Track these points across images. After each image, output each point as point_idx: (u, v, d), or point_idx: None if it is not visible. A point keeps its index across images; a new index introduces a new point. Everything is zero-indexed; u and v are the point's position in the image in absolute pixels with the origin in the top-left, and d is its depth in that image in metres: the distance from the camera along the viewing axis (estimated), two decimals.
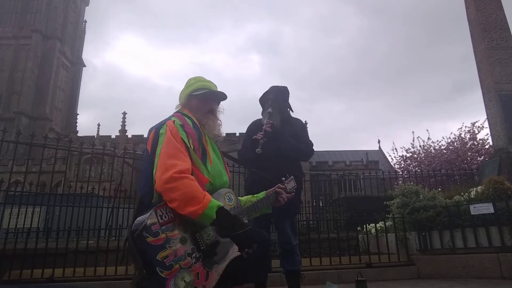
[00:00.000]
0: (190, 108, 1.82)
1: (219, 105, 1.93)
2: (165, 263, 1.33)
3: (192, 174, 1.52)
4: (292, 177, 2.21)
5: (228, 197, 1.65)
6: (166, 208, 1.44)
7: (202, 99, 1.82)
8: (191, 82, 1.89)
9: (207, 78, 1.93)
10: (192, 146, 1.61)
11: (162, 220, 1.41)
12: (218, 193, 1.62)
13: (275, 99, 3.07)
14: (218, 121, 1.85)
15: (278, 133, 2.90)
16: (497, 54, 7.60)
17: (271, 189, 2.00)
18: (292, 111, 3.26)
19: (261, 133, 2.82)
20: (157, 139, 1.61)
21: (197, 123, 1.75)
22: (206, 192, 1.49)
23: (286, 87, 3.23)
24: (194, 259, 1.41)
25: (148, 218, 1.39)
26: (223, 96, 1.91)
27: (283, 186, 2.02)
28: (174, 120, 1.68)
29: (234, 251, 1.52)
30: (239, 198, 1.88)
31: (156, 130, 1.66)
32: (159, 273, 1.31)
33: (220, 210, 1.45)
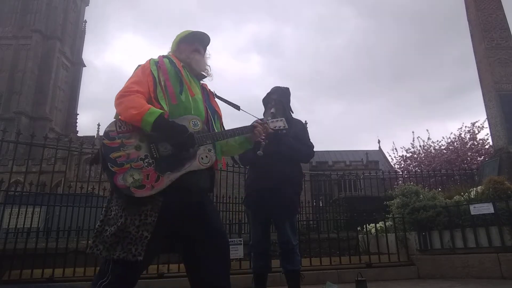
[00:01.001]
0: (179, 52, 1.98)
1: (206, 51, 2.07)
2: (116, 161, 1.58)
3: (150, 103, 1.71)
4: (283, 119, 2.16)
5: (193, 122, 1.77)
6: (126, 121, 1.69)
7: (187, 41, 1.99)
8: (180, 33, 2.06)
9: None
10: (162, 79, 1.79)
11: (120, 129, 1.66)
12: (184, 118, 1.76)
13: (279, 100, 3.08)
14: (204, 60, 1.99)
15: (279, 134, 2.89)
16: (497, 54, 7.61)
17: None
18: (292, 112, 3.26)
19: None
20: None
21: (176, 62, 1.89)
22: (150, 105, 1.68)
23: (288, 88, 3.24)
24: (146, 163, 1.62)
25: (108, 126, 1.68)
26: (207, 38, 2.05)
27: (262, 122, 2.05)
28: (151, 59, 1.88)
29: (191, 165, 1.69)
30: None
31: (139, 65, 1.89)
32: (110, 168, 1.56)
33: (160, 116, 1.63)
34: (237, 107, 2.12)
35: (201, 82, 2.02)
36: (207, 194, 1.91)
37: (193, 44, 1.99)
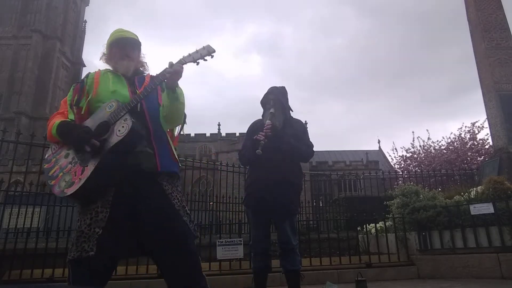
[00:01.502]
0: (110, 56, 2.07)
1: (140, 51, 2.15)
2: (52, 176, 1.78)
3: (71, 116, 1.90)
4: (207, 45, 1.85)
5: (109, 106, 1.82)
6: (53, 141, 1.89)
7: (118, 46, 2.05)
8: (112, 34, 2.13)
9: (126, 29, 2.14)
10: (74, 98, 1.95)
11: (54, 151, 1.86)
12: (101, 107, 1.85)
13: (277, 99, 3.07)
14: (133, 63, 2.06)
15: (279, 134, 2.89)
16: (497, 54, 7.60)
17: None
18: (292, 111, 3.26)
19: (262, 133, 2.82)
20: None
21: (96, 73, 2.03)
22: (57, 118, 1.88)
23: (284, 87, 3.23)
24: (73, 164, 1.77)
25: (46, 154, 1.91)
26: (137, 42, 2.10)
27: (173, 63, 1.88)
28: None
29: (110, 143, 1.75)
30: None
31: None
32: (50, 183, 1.76)
33: (59, 125, 1.82)
34: (170, 71, 1.90)
35: (146, 73, 2.11)
36: (164, 177, 1.84)
37: (124, 49, 2.04)
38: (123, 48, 2.04)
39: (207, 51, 1.84)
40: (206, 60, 1.85)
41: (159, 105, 1.96)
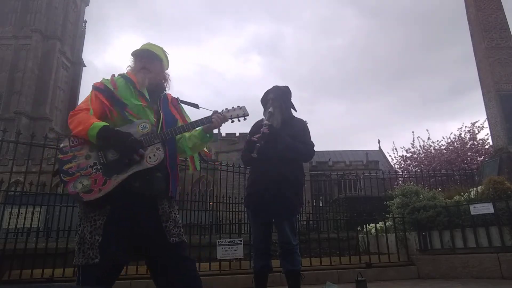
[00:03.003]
0: (134, 68, 2.11)
1: (162, 62, 2.15)
2: (68, 171, 1.78)
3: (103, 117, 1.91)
4: (242, 106, 2.09)
5: (142, 126, 1.90)
6: (77, 136, 1.88)
7: (138, 58, 2.11)
8: (141, 46, 2.16)
9: (156, 45, 2.16)
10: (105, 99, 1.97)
11: (72, 144, 1.85)
12: (134, 123, 1.91)
13: (276, 98, 3.06)
14: (148, 76, 2.07)
15: (276, 134, 2.88)
16: (497, 54, 7.60)
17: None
18: (296, 111, 3.24)
19: (258, 135, 2.81)
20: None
21: (113, 82, 2.04)
22: (95, 120, 1.86)
23: (287, 87, 3.21)
24: (95, 170, 1.79)
25: (62, 142, 1.90)
26: (154, 54, 2.12)
27: (217, 112, 2.07)
28: (102, 79, 2.09)
29: (138, 166, 1.82)
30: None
31: None
32: (63, 178, 1.77)
33: (102, 129, 1.80)
34: (196, 106, 2.17)
35: (167, 92, 2.18)
36: (164, 200, 1.94)
37: (141, 61, 2.09)
38: (141, 60, 2.09)
39: (243, 113, 2.07)
40: (239, 120, 2.08)
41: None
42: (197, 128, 2.04)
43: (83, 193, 1.74)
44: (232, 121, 2.07)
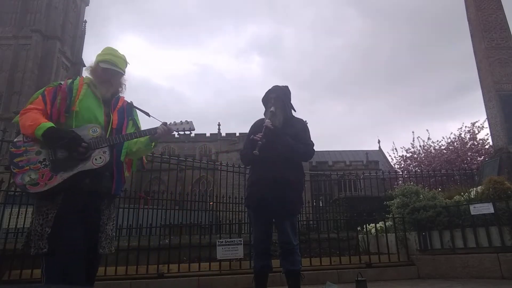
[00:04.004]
0: (94, 71, 2.27)
1: (122, 76, 2.35)
2: (18, 164, 1.94)
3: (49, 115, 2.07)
4: (190, 121, 2.33)
5: (93, 130, 2.07)
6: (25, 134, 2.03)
7: (102, 71, 2.26)
8: (105, 51, 2.33)
9: (120, 53, 2.34)
10: (58, 98, 2.13)
11: (26, 139, 2.00)
12: (85, 126, 2.08)
13: (278, 98, 3.07)
14: (112, 88, 2.30)
15: (277, 133, 2.89)
16: (497, 54, 7.60)
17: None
18: (295, 111, 3.25)
19: (260, 134, 2.82)
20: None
21: (79, 84, 2.21)
22: (43, 120, 2.01)
23: (287, 87, 3.22)
24: (43, 165, 1.95)
25: (17, 137, 2.06)
26: (123, 64, 2.34)
27: (165, 124, 2.30)
28: (57, 83, 2.25)
29: (84, 166, 1.99)
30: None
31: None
32: (12, 169, 1.93)
33: (48, 129, 1.96)
34: (147, 114, 2.39)
35: (121, 96, 2.38)
36: (109, 199, 2.19)
37: (108, 74, 2.26)
38: (107, 72, 2.27)
39: (189, 127, 2.31)
40: (185, 134, 2.34)
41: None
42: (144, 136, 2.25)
43: (29, 186, 1.90)
44: (178, 135, 2.37)
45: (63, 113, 2.09)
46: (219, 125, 52.17)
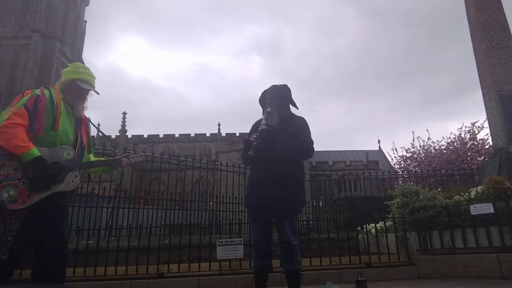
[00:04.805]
0: (69, 88, 2.35)
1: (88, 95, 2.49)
2: None
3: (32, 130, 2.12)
4: (141, 153, 2.80)
5: (67, 152, 2.19)
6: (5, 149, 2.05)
7: (80, 83, 2.36)
8: (79, 69, 2.44)
9: (91, 72, 2.47)
10: (39, 112, 2.17)
11: (3, 152, 2.00)
12: (61, 147, 2.17)
13: (272, 98, 3.06)
14: (83, 105, 2.45)
15: (274, 132, 2.88)
16: (497, 54, 7.60)
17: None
18: (297, 109, 3.23)
19: (256, 134, 2.82)
20: (18, 100, 2.24)
21: (56, 96, 2.28)
22: (32, 146, 2.05)
23: (286, 85, 3.20)
24: (22, 183, 2.00)
25: None
26: (93, 83, 2.47)
27: (126, 157, 2.57)
28: (32, 92, 2.27)
29: (58, 187, 2.11)
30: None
31: (21, 95, 2.28)
32: None
33: (38, 158, 2.03)
34: (99, 131, 2.97)
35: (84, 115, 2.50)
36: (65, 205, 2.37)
37: (81, 92, 2.37)
38: (82, 91, 2.38)
39: (142, 159, 2.63)
40: (140, 162, 2.63)
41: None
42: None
43: (8, 202, 1.94)
44: (133, 167, 2.70)
45: (43, 130, 2.14)
46: (219, 125, 52.21)
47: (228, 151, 37.53)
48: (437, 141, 18.59)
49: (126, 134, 39.04)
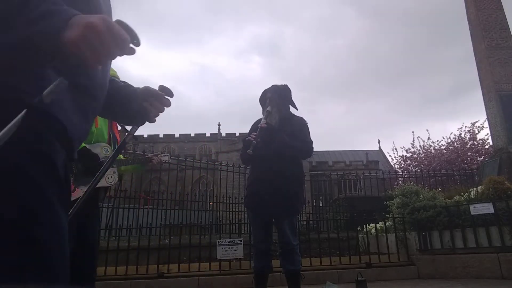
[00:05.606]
0: None
1: None
2: None
3: None
4: (168, 154, 3.03)
5: (105, 149, 2.23)
6: None
7: None
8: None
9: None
10: None
11: None
12: (98, 144, 2.22)
13: (273, 98, 3.06)
14: None
15: (273, 131, 2.89)
16: (497, 54, 7.60)
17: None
18: (297, 109, 3.24)
19: (255, 133, 2.82)
20: None
21: None
22: None
23: (286, 85, 3.21)
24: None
25: None
26: None
27: (157, 156, 2.79)
28: None
29: (100, 183, 2.07)
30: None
31: None
32: None
33: (83, 149, 2.09)
34: (125, 130, 2.89)
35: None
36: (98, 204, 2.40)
37: None
38: None
39: (168, 158, 2.99)
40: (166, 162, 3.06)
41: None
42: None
43: None
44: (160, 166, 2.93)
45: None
46: (219, 125, 52.25)
47: (228, 151, 37.54)
48: (437, 141, 18.65)
49: (126, 134, 38.98)
